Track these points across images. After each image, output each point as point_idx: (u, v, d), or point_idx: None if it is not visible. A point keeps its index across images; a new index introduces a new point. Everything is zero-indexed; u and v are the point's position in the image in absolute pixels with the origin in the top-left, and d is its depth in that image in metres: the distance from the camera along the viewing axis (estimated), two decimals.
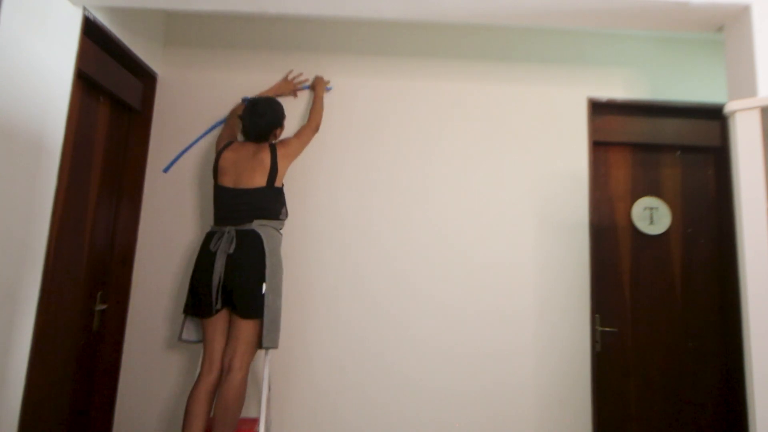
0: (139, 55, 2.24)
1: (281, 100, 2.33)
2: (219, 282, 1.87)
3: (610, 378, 2.37)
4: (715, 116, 2.45)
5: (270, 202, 2.00)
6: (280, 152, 2.05)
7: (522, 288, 2.32)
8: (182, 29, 2.50)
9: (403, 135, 2.41)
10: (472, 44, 2.51)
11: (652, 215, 2.48)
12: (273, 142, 2.12)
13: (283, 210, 2.08)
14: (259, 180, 1.99)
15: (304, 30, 2.49)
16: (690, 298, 2.44)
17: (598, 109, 2.49)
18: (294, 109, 2.40)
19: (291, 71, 2.42)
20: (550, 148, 2.42)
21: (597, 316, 2.35)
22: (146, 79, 2.38)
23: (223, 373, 1.87)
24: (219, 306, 1.88)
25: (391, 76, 2.46)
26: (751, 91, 1.56)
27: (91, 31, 1.92)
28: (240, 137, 2.26)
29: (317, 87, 2.36)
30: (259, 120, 2.05)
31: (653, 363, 2.39)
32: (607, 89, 2.48)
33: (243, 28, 2.50)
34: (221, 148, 2.10)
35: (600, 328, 2.37)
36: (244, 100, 2.34)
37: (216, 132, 2.39)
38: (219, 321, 1.92)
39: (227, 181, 2.01)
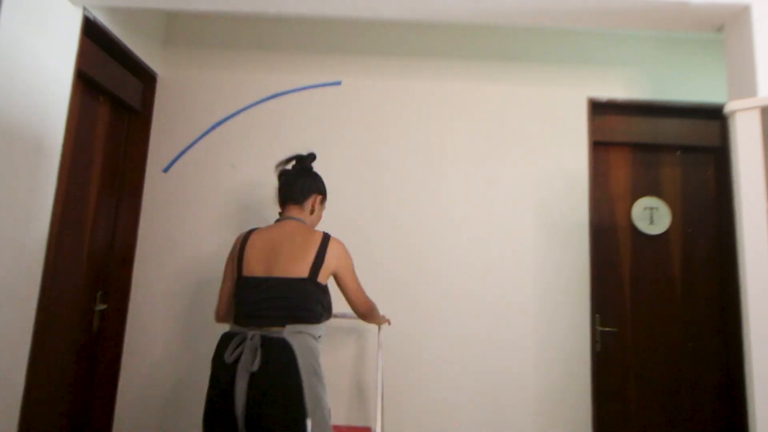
0: (139, 55, 2.24)
1: None
2: (243, 410, 1.38)
3: (610, 378, 2.36)
4: (715, 116, 2.45)
5: (310, 300, 1.51)
6: (332, 250, 1.58)
7: (522, 288, 2.32)
8: (182, 29, 2.50)
9: (402, 135, 2.41)
10: (472, 44, 2.51)
11: (652, 215, 2.48)
12: (326, 233, 1.63)
13: (325, 314, 1.59)
14: (301, 267, 1.51)
15: (304, 30, 2.49)
16: (690, 298, 2.44)
17: (598, 109, 2.49)
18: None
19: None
20: (550, 148, 2.42)
21: (597, 316, 2.35)
22: (146, 79, 2.38)
23: None
24: None
25: (391, 77, 2.46)
26: (751, 91, 1.56)
27: (91, 31, 1.92)
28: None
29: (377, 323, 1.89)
30: (304, 177, 1.70)
31: (653, 363, 2.39)
32: (607, 89, 2.48)
33: (243, 28, 2.50)
34: (246, 232, 1.66)
35: (600, 328, 2.37)
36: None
37: (216, 133, 2.40)
38: None
39: (256, 269, 1.54)
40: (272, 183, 2.37)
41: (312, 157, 1.78)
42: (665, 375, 2.38)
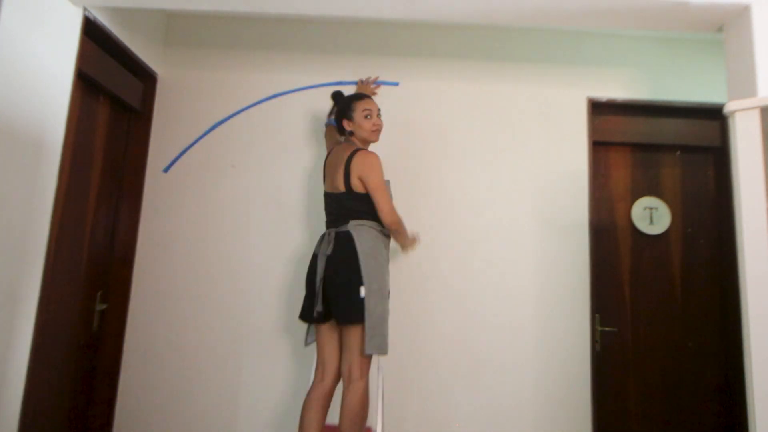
0: (139, 55, 2.24)
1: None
2: (320, 285, 1.83)
3: (610, 378, 2.36)
4: (715, 116, 2.44)
5: (355, 206, 1.88)
6: (355, 161, 1.87)
7: (522, 288, 2.32)
8: (182, 29, 2.50)
9: (402, 134, 2.40)
10: (472, 44, 2.51)
11: (652, 215, 2.48)
12: (358, 149, 1.93)
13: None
14: (339, 184, 1.90)
15: (303, 30, 2.49)
16: (690, 298, 2.44)
17: (598, 109, 2.49)
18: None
19: (360, 80, 2.30)
20: (550, 148, 2.42)
21: (597, 316, 2.35)
22: (146, 79, 2.38)
23: (344, 383, 1.83)
24: (320, 309, 1.83)
25: (390, 76, 2.45)
26: (751, 91, 1.56)
27: (91, 31, 1.92)
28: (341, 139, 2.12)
29: (403, 245, 2.03)
30: (335, 108, 2.05)
31: (653, 363, 2.39)
32: (607, 89, 2.48)
33: (243, 28, 2.50)
34: (326, 155, 2.08)
35: (600, 328, 2.37)
36: (330, 123, 2.19)
37: (216, 133, 2.40)
38: (328, 327, 1.88)
39: (326, 186, 1.99)
40: (271, 183, 2.38)
41: (334, 94, 2.10)
42: (665, 375, 2.38)
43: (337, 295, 1.80)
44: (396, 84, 2.38)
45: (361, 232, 1.85)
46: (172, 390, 2.24)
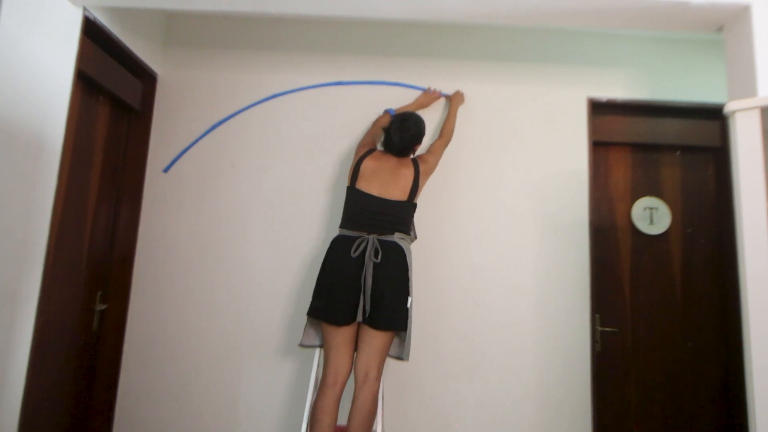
0: (139, 55, 2.24)
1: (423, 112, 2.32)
2: (370, 288, 1.84)
3: (610, 378, 2.36)
4: (715, 116, 2.45)
5: (408, 217, 2.02)
6: (422, 168, 2.06)
7: (522, 288, 2.32)
8: (182, 29, 2.50)
9: None
10: (472, 44, 2.51)
11: (652, 215, 2.48)
12: (413, 157, 2.13)
13: (413, 227, 2.08)
14: (401, 193, 2.00)
15: (304, 30, 2.49)
16: (690, 298, 2.44)
17: (598, 109, 2.49)
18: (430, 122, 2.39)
19: (429, 87, 2.41)
20: (550, 148, 2.42)
21: (597, 316, 2.35)
22: (146, 79, 2.38)
23: (358, 383, 1.85)
24: (368, 314, 1.83)
25: (391, 77, 2.45)
26: (751, 91, 1.56)
27: (91, 31, 1.93)
28: (379, 147, 2.21)
29: (453, 102, 2.37)
30: (405, 134, 2.04)
31: (653, 363, 2.39)
32: (607, 89, 2.48)
33: (243, 28, 2.50)
34: (363, 154, 2.07)
35: (600, 328, 2.37)
36: (389, 111, 2.31)
37: (216, 133, 2.40)
38: (351, 330, 1.89)
39: (370, 188, 1.99)
40: (271, 183, 2.38)
41: (413, 117, 2.12)
42: (665, 375, 2.38)
43: (386, 302, 1.84)
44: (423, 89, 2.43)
45: (407, 246, 1.98)
46: (171, 390, 2.25)
